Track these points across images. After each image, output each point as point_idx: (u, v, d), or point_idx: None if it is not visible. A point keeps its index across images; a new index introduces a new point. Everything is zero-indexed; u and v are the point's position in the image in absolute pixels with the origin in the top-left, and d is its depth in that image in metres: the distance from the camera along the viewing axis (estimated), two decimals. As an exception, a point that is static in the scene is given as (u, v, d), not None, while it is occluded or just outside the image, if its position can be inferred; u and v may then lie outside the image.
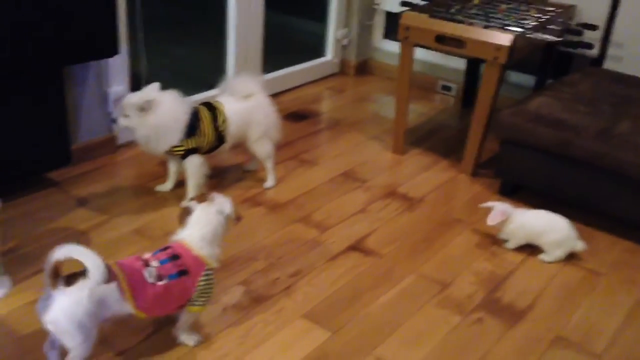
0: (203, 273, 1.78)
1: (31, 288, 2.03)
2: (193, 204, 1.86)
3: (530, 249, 2.44)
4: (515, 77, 3.71)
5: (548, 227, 2.40)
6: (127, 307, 1.67)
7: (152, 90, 2.41)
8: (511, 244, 2.46)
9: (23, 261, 2.16)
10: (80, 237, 2.32)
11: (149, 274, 1.70)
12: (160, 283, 1.70)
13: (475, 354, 1.93)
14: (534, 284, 2.28)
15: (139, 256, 1.75)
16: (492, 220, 2.41)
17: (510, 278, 2.30)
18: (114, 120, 2.46)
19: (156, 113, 2.38)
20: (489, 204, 2.46)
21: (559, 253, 2.39)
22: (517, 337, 2.02)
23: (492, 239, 2.51)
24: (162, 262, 1.74)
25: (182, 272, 1.75)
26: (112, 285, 1.62)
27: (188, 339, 1.86)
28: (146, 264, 1.72)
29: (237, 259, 2.28)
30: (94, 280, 1.53)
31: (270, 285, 2.16)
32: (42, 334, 1.67)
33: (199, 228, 1.81)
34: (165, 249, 1.79)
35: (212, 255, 1.81)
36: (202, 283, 1.78)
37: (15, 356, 1.77)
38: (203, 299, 1.80)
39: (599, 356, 1.96)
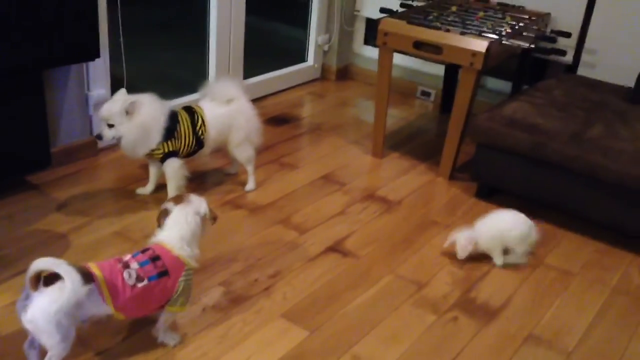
0: (183, 273, 1.81)
1: (10, 290, 2.04)
2: (170, 205, 1.89)
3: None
4: (492, 83, 3.78)
5: (511, 224, 2.41)
6: (106, 309, 1.69)
7: (123, 95, 2.43)
8: (498, 259, 2.43)
9: (2, 263, 2.17)
10: (60, 240, 2.34)
11: (128, 276, 1.72)
12: (140, 285, 1.73)
13: (451, 352, 1.98)
14: (507, 284, 2.33)
15: (119, 258, 1.77)
16: (463, 252, 2.38)
17: (484, 279, 2.35)
18: (99, 137, 2.43)
19: (140, 114, 2.40)
20: (450, 239, 2.41)
21: (525, 247, 2.42)
22: (490, 335, 2.07)
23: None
24: (141, 264, 1.76)
25: (162, 274, 1.77)
26: (91, 287, 1.64)
27: (167, 338, 1.89)
28: (126, 265, 1.74)
29: (216, 260, 2.30)
30: (69, 290, 1.55)
31: (249, 286, 2.19)
32: (21, 335, 1.69)
33: (178, 229, 1.84)
34: (145, 250, 1.81)
35: (191, 255, 1.84)
36: (182, 283, 1.81)
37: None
38: (182, 299, 1.83)
39: (569, 353, 2.01)
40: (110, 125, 2.39)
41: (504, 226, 2.41)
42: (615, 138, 2.57)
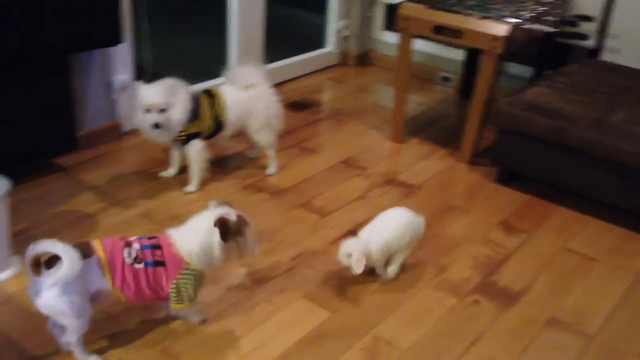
0: (182, 271, 1.77)
1: (40, 268, 2.09)
2: (212, 204, 1.85)
3: (528, 238, 2.50)
4: (513, 68, 3.76)
5: (402, 229, 2.15)
6: (106, 284, 1.70)
7: (160, 82, 2.45)
8: (393, 269, 2.19)
9: (32, 241, 2.21)
10: (87, 221, 2.38)
11: (128, 254, 1.72)
12: (137, 266, 1.72)
13: (471, 335, 1.99)
14: (529, 268, 2.33)
15: (123, 237, 1.78)
16: (359, 267, 2.02)
17: (506, 263, 2.36)
18: (156, 126, 2.41)
19: (181, 97, 2.45)
20: (342, 252, 2.07)
21: (410, 250, 2.21)
22: (512, 318, 2.08)
23: (490, 226, 2.57)
24: (143, 247, 1.75)
25: (159, 263, 1.75)
26: (91, 260, 1.66)
27: (191, 315, 1.92)
28: (128, 244, 1.74)
29: (239, 242, 2.33)
30: (66, 267, 1.56)
31: (272, 267, 2.22)
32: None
33: (192, 229, 1.80)
34: (152, 237, 1.80)
35: (199, 259, 1.78)
36: (179, 280, 1.77)
37: (26, 331, 1.83)
38: (179, 297, 1.79)
39: (591, 338, 2.02)
40: (162, 111, 2.41)
41: (395, 233, 2.13)
42: (638, 123, 2.55)
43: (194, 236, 1.78)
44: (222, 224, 1.76)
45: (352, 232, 2.45)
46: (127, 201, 2.54)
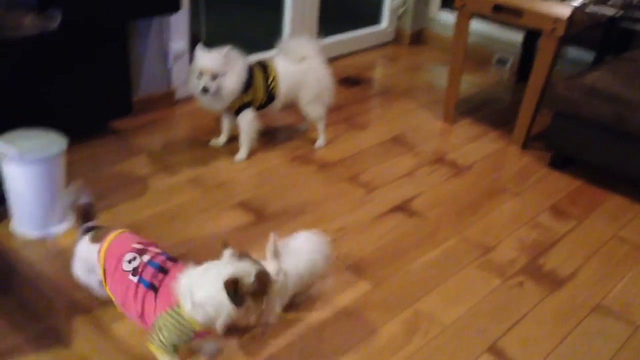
0: (169, 309, 1.49)
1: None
2: (228, 253, 1.52)
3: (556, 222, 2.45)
4: (574, 53, 3.65)
5: (312, 262, 1.86)
6: (99, 276, 1.64)
7: (218, 49, 2.47)
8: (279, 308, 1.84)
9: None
10: (139, 183, 2.45)
11: (130, 260, 1.57)
12: (132, 277, 1.56)
13: (513, 316, 1.97)
14: (577, 254, 2.28)
15: (149, 242, 1.64)
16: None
17: (554, 247, 2.31)
18: (205, 90, 2.41)
19: (237, 65, 2.48)
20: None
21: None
22: (556, 302, 2.04)
23: (539, 210, 2.52)
24: (150, 262, 1.57)
25: (153, 286, 1.53)
26: (94, 248, 1.65)
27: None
28: (140, 252, 1.59)
29: (285, 211, 2.36)
30: (76, 244, 1.66)
31: (316, 238, 2.23)
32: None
33: (201, 275, 1.50)
34: (171, 259, 1.60)
35: (194, 309, 1.46)
36: (161, 317, 1.51)
37: (75, 285, 1.90)
38: (154, 335, 1.52)
39: (638, 327, 1.96)
40: (214, 77, 2.44)
41: (306, 265, 1.84)
42: None
43: (199, 283, 1.48)
44: (232, 286, 1.43)
45: (399, 208, 2.45)
46: (177, 166, 2.59)
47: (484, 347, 1.83)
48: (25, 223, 2.10)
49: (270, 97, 2.64)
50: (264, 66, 2.63)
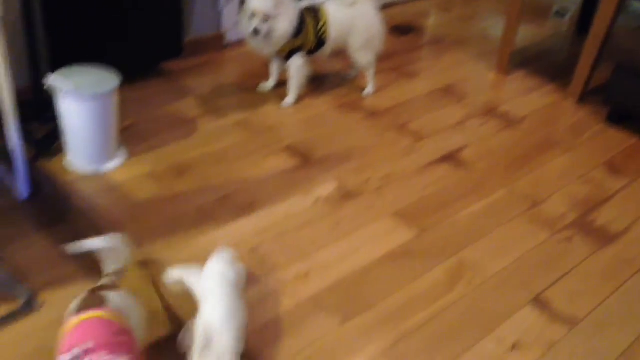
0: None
1: (144, 161, 2.21)
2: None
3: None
4: (637, 5, 3.46)
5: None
6: None
7: None
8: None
9: (138, 137, 2.34)
10: (187, 124, 2.47)
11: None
12: None
13: (559, 270, 1.94)
14: (630, 211, 2.22)
15: (105, 343, 1.25)
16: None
17: (606, 204, 2.25)
18: (256, 32, 2.40)
19: (289, 8, 2.45)
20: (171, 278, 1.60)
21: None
22: (605, 258, 2.00)
23: (593, 165, 2.45)
24: None
25: None
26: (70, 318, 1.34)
27: None
28: (88, 351, 1.23)
29: (330, 156, 2.35)
30: None
31: (362, 184, 2.23)
32: (152, 203, 1.83)
33: None
34: None
35: None
36: None
37: (128, 216, 1.96)
38: None
39: (690, 287, 1.91)
40: (266, 20, 2.42)
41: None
42: None
43: None
44: None
45: (447, 158, 2.41)
46: (226, 109, 2.60)
47: (528, 298, 1.82)
48: (79, 158, 2.15)
49: (320, 42, 2.60)
50: (314, 11, 2.58)
